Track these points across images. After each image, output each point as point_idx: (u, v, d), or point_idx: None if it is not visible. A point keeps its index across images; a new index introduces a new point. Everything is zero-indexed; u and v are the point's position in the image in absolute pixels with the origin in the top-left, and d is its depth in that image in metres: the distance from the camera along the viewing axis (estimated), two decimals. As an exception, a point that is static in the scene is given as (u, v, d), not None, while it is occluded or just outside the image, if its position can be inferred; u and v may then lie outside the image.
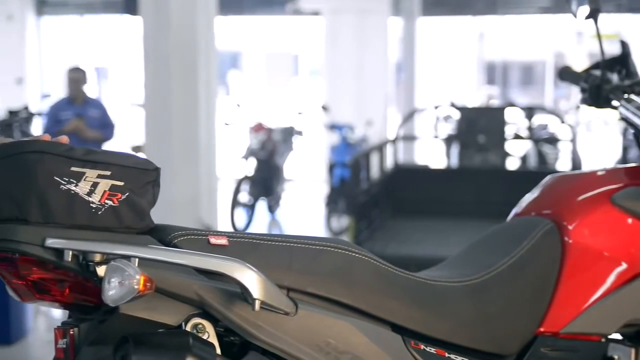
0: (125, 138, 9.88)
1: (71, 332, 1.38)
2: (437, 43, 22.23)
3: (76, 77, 7.62)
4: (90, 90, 8.14)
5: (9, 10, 16.11)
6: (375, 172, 6.29)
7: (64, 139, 1.38)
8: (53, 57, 17.89)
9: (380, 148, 6.48)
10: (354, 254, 1.58)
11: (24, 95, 15.67)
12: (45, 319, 6.76)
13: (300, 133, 10.72)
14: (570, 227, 1.88)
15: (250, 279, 1.35)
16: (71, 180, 1.32)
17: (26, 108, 13.80)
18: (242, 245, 1.48)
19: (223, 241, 1.45)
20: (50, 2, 16.86)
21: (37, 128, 12.41)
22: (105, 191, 1.34)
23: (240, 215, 9.59)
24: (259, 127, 10.24)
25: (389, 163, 6.65)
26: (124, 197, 1.36)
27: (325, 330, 1.51)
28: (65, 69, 7.85)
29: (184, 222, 1.48)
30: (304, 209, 11.61)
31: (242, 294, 1.38)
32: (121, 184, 1.36)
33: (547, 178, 2.06)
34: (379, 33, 13.66)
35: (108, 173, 1.35)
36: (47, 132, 7.65)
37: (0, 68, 16.39)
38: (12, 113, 13.03)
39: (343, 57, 13.62)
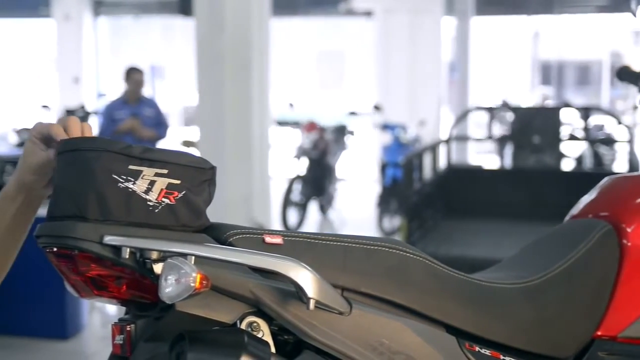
0: (180, 137, 9.96)
1: (128, 329, 1.39)
2: (491, 42, 22.03)
3: (135, 77, 7.72)
4: (145, 89, 8.23)
5: (67, 10, 16.38)
6: (427, 172, 6.26)
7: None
8: (109, 57, 18.13)
9: (433, 148, 6.45)
10: (408, 254, 1.57)
11: (81, 94, 15.92)
12: (99, 315, 6.85)
13: (352, 133, 10.71)
14: (628, 230, 1.84)
15: (305, 278, 1.35)
16: (129, 178, 1.34)
17: (82, 107, 14.05)
18: (297, 245, 1.47)
19: (278, 240, 1.45)
20: (106, 2, 17.09)
21: (93, 127, 12.63)
22: (162, 189, 1.35)
23: (292, 215, 9.61)
24: (311, 127, 10.25)
25: (442, 163, 6.61)
26: (180, 195, 1.37)
27: (379, 330, 1.50)
28: (123, 69, 7.95)
29: (236, 220, 1.49)
30: (356, 208, 11.59)
31: (297, 293, 1.38)
32: (178, 182, 1.37)
33: (605, 180, 2.03)
34: (432, 33, 13.59)
35: (165, 171, 1.36)
36: (102, 131, 7.77)
37: (58, 67, 16.68)
38: (69, 112, 13.27)
39: (395, 57, 13.58)
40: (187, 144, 10.48)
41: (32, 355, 5.79)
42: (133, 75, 7.72)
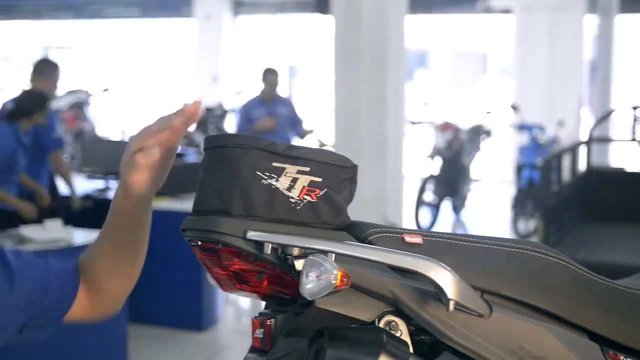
0: (315, 136, 10.06)
1: (268, 323, 1.41)
2: (636, 41, 21.22)
3: (270, 79, 7.86)
4: (281, 88, 8.35)
5: (207, 10, 16.82)
6: (566, 174, 6.09)
7: None
8: (247, 55, 18.50)
9: (573, 150, 6.26)
10: (551, 258, 1.53)
11: (219, 92, 16.31)
12: (233, 308, 7.00)
13: (488, 133, 10.54)
14: None
15: (445, 279, 1.34)
16: (272, 175, 1.36)
17: (221, 105, 14.39)
18: (437, 245, 1.46)
19: (418, 240, 1.44)
20: (245, 2, 17.44)
21: (230, 125, 12.91)
22: (304, 187, 1.37)
23: (425, 215, 9.56)
24: (445, 126, 10.16)
25: (582, 165, 6.41)
26: (322, 193, 1.38)
27: (520, 334, 1.47)
28: (261, 69, 8.09)
29: (368, 218, 1.49)
30: (490, 210, 11.42)
31: (436, 294, 1.37)
32: (320, 180, 1.38)
33: None
34: (572, 31, 13.20)
35: (307, 169, 1.37)
36: (239, 130, 7.94)
37: (198, 66, 17.14)
38: (208, 110, 13.62)
39: (534, 56, 13.28)
40: (320, 143, 10.58)
41: (168, 345, 5.97)
42: (268, 77, 7.86)
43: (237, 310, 7.02)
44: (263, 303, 1.56)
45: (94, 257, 1.68)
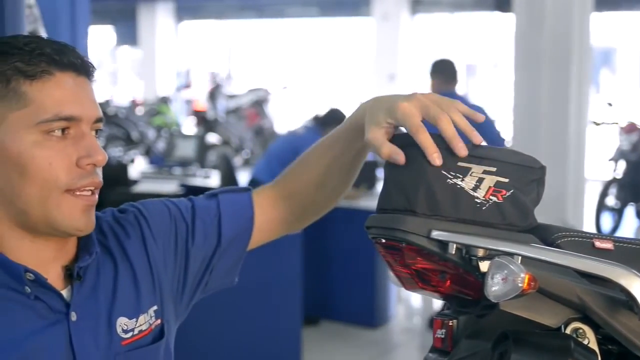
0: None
1: (450, 324, 1.40)
2: None
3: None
4: (459, 87, 8.25)
5: (385, 9, 16.92)
6: None
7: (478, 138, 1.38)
8: (423, 54, 18.45)
9: None
10: None
11: (395, 91, 16.33)
12: (404, 307, 7.01)
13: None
14: None
15: (638, 287, 1.28)
16: (457, 174, 1.34)
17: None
18: (629, 252, 1.40)
19: (608, 245, 1.39)
20: (424, 1, 17.40)
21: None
22: (489, 187, 1.34)
23: (606, 220, 9.21)
24: (631, 128, 9.75)
25: None
26: (508, 194, 1.35)
27: None
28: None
29: (546, 221, 1.45)
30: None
31: (627, 302, 1.31)
32: (506, 180, 1.35)
33: None
34: None
35: (493, 169, 1.35)
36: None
37: (375, 65, 17.27)
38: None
39: None
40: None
41: (341, 340, 6.06)
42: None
43: (409, 309, 7.03)
44: (433, 303, 1.55)
45: (306, 169, 1.71)
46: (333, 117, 6.89)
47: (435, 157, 1.33)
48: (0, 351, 1.36)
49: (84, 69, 1.44)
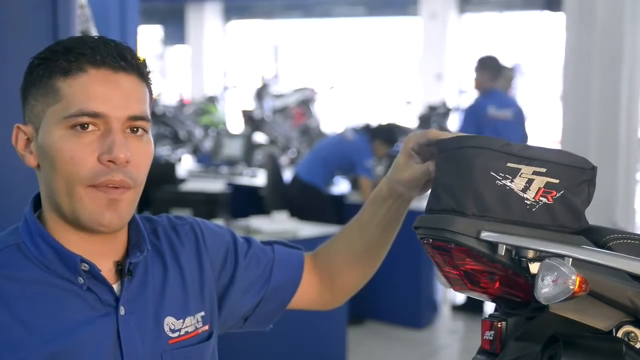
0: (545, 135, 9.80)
1: (498, 325, 1.39)
2: None
3: (507, 76, 7.71)
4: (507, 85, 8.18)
5: (433, 8, 16.83)
6: None
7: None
8: (471, 54, 18.32)
9: None
10: None
11: (442, 90, 16.28)
12: (450, 309, 6.97)
13: None
14: None
15: (692, 291, 1.26)
16: (507, 175, 1.33)
17: (444, 103, 14.34)
18: (682, 255, 1.38)
19: (662, 248, 1.37)
20: (472, 0, 17.29)
21: (453, 123, 12.84)
22: (539, 188, 1.33)
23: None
24: (683, 129, 9.56)
25: None
26: (558, 195, 1.34)
27: None
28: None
29: (596, 224, 1.43)
30: None
31: (681, 306, 1.29)
32: (556, 181, 1.34)
33: None
34: None
35: (543, 170, 1.34)
36: (465, 129, 7.82)
37: (423, 64, 17.20)
38: (431, 108, 13.62)
39: None
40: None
41: (387, 341, 6.05)
42: (505, 73, 7.71)
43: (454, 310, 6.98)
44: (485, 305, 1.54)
45: (337, 247, 1.77)
46: (385, 133, 6.88)
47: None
48: (51, 338, 1.39)
49: (127, 67, 1.44)
